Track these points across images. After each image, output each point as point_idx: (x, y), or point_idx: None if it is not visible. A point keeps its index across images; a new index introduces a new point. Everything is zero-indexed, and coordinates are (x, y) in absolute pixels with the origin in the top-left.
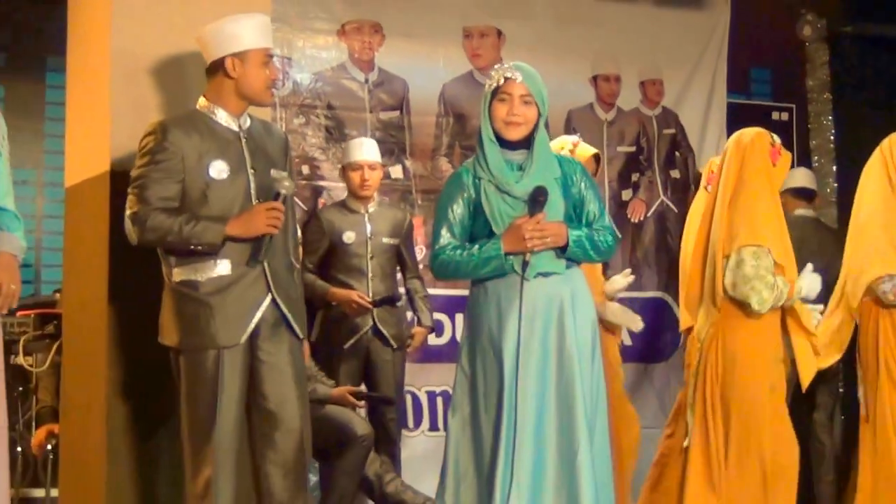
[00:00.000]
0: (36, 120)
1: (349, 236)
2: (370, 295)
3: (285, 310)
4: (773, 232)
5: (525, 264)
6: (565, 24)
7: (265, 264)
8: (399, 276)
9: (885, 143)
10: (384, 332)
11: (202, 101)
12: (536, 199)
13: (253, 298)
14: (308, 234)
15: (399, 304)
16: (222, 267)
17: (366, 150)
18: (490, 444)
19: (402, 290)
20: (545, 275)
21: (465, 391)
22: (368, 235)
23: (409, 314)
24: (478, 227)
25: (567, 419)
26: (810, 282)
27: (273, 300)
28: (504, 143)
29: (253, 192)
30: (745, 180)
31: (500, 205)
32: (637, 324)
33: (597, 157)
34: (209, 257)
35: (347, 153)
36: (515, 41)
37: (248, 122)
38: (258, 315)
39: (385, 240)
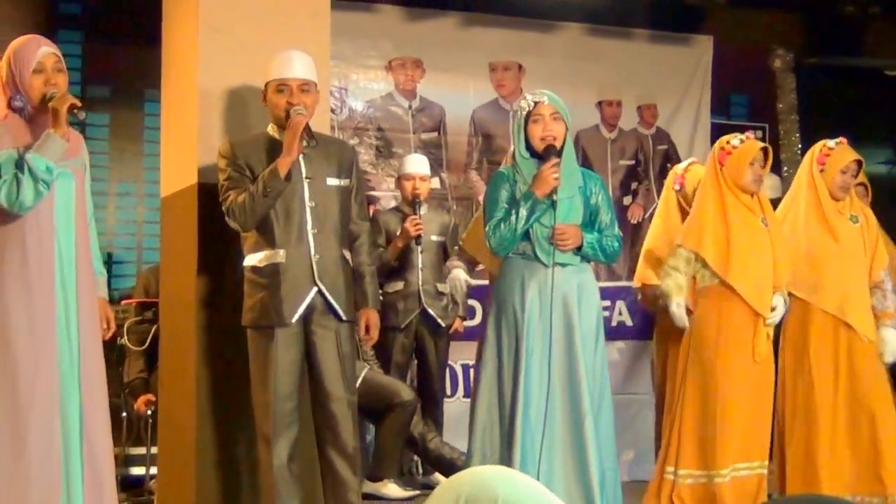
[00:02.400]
0: (136, 142)
1: None
2: (420, 283)
3: (330, 297)
4: (704, 233)
5: (551, 248)
6: (575, 58)
7: (313, 257)
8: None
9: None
10: (432, 314)
11: (270, 126)
12: (549, 153)
13: (302, 285)
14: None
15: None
16: (280, 255)
17: (418, 164)
18: (509, 401)
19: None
20: (563, 265)
21: (492, 353)
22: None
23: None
24: None
25: (573, 388)
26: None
27: (319, 290)
28: (537, 156)
29: (306, 196)
30: (702, 183)
31: None
32: None
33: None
34: (271, 247)
35: (402, 166)
36: (533, 73)
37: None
38: (307, 301)
39: (433, 237)
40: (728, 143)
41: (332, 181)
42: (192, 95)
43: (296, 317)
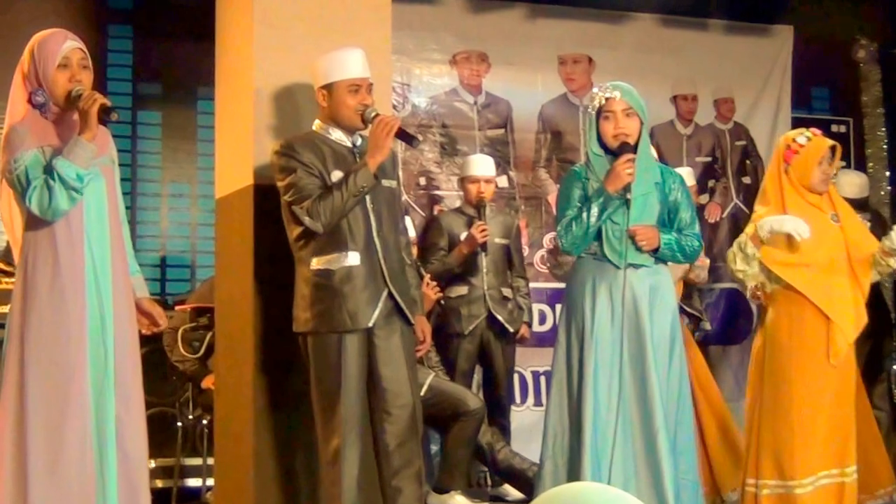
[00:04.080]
0: (189, 141)
1: (465, 236)
2: (485, 287)
3: (399, 300)
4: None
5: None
6: (648, 51)
7: (381, 259)
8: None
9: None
10: (499, 319)
11: (316, 124)
12: (623, 148)
13: (375, 289)
14: (429, 235)
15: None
16: (352, 258)
17: (482, 166)
18: (577, 411)
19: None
20: (635, 266)
21: (562, 358)
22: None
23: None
24: None
25: (644, 400)
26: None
27: (389, 293)
28: (611, 153)
29: (368, 198)
30: (763, 183)
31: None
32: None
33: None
34: (341, 250)
35: (466, 167)
36: (604, 67)
37: (360, 140)
38: (380, 305)
39: (497, 240)
40: (794, 140)
41: (386, 183)
42: (248, 93)
43: (371, 321)
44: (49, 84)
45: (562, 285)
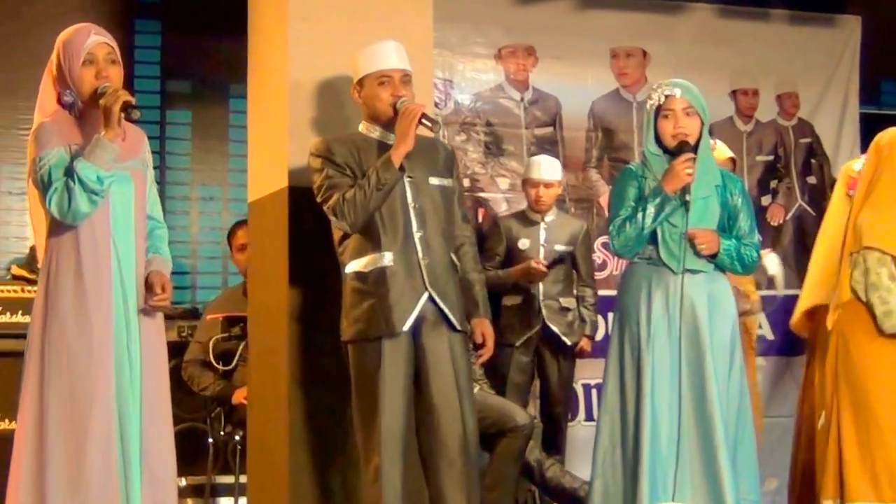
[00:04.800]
0: (221, 142)
1: (524, 243)
2: (541, 297)
3: (443, 305)
4: None
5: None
6: (705, 43)
7: (421, 260)
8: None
9: None
10: (555, 330)
11: (362, 125)
12: (682, 148)
13: (412, 291)
14: (489, 240)
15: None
16: (387, 259)
17: (544, 168)
18: (632, 425)
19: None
20: (693, 272)
21: (615, 370)
22: (542, 243)
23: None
24: None
25: (703, 414)
26: None
27: (430, 296)
28: (670, 154)
29: (409, 196)
30: (876, 181)
31: None
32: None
33: (733, 160)
34: (376, 251)
35: (527, 169)
36: (659, 60)
37: None
38: (417, 308)
39: (558, 247)
40: (853, 169)
41: (435, 180)
42: (282, 90)
43: (407, 325)
44: (76, 82)
45: (612, 292)
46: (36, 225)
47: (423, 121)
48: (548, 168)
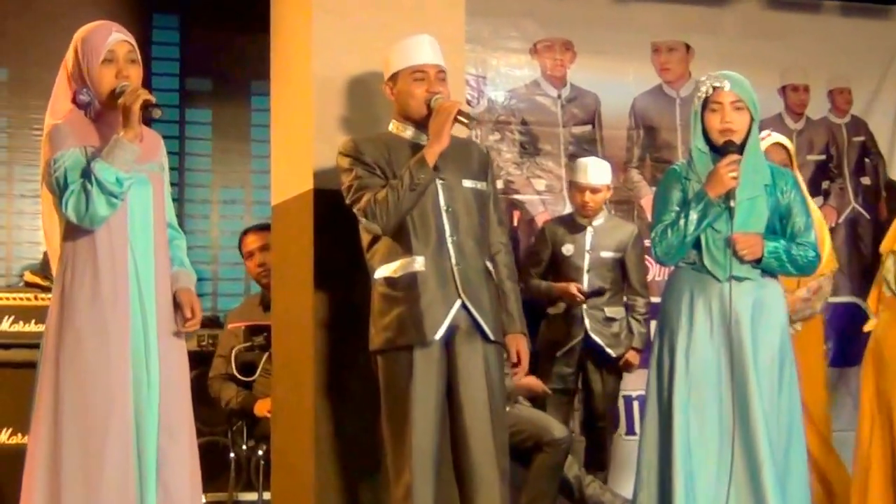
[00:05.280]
0: (242, 142)
1: (568, 248)
2: (585, 306)
3: (476, 314)
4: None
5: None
6: (752, 36)
7: (454, 266)
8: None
9: None
10: (598, 341)
11: (392, 123)
12: (728, 148)
13: (444, 298)
14: (534, 245)
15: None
16: (418, 263)
17: (591, 172)
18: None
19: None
20: (738, 279)
21: (655, 381)
22: (587, 248)
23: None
24: None
25: (746, 430)
26: None
27: (463, 304)
28: (717, 150)
29: (441, 198)
30: None
31: None
32: None
33: (785, 149)
34: (407, 254)
35: (574, 172)
36: (703, 55)
37: None
38: (450, 316)
39: (605, 253)
40: None
41: (468, 183)
42: (307, 87)
43: (439, 333)
44: (94, 81)
45: (654, 299)
46: (48, 230)
47: (460, 118)
48: (595, 172)
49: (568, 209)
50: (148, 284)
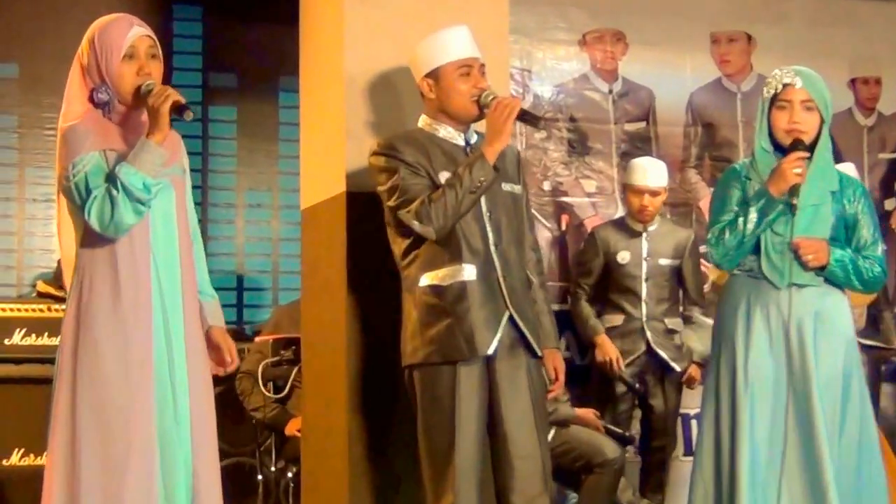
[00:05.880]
0: (269, 141)
1: (623, 256)
2: (644, 318)
3: (523, 327)
4: None
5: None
6: (820, 25)
7: (500, 277)
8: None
9: None
10: (662, 355)
11: (422, 120)
12: (795, 146)
13: (494, 310)
14: (582, 253)
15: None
16: (468, 272)
17: (650, 174)
18: (728, 459)
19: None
20: (799, 286)
21: (712, 397)
22: (644, 256)
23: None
24: None
25: (809, 451)
26: None
27: (511, 317)
28: (782, 151)
29: (483, 202)
30: None
31: None
32: None
33: None
34: (455, 262)
35: (630, 172)
36: (767, 45)
37: (475, 137)
38: (500, 331)
39: (663, 261)
40: None
41: (506, 187)
42: (339, 83)
43: (491, 348)
44: (113, 78)
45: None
46: (63, 238)
47: (526, 118)
48: (653, 173)
49: (620, 212)
50: (172, 295)
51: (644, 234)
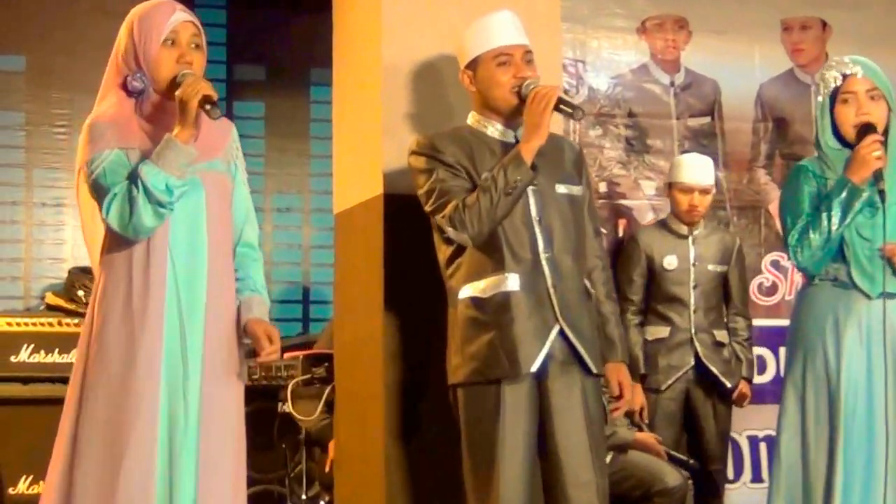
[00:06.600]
0: (300, 140)
1: (670, 262)
2: (693, 329)
3: (576, 343)
4: None
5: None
6: None
7: (550, 287)
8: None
9: None
10: (712, 370)
11: (471, 116)
12: (866, 131)
13: (541, 324)
14: (623, 258)
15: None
16: (511, 282)
17: (699, 171)
18: (822, 484)
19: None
20: (890, 296)
21: (794, 418)
22: (692, 261)
23: None
24: None
25: None
26: None
27: (561, 331)
28: (848, 146)
29: (533, 208)
30: None
31: None
32: None
33: None
34: (498, 271)
35: (677, 170)
36: (843, 33)
37: None
38: (547, 345)
39: (711, 267)
40: None
41: (562, 188)
42: (375, 76)
43: (535, 366)
44: (150, 65)
45: (785, 322)
46: (90, 240)
47: (562, 107)
48: (704, 170)
49: None
50: (193, 305)
51: (690, 238)
